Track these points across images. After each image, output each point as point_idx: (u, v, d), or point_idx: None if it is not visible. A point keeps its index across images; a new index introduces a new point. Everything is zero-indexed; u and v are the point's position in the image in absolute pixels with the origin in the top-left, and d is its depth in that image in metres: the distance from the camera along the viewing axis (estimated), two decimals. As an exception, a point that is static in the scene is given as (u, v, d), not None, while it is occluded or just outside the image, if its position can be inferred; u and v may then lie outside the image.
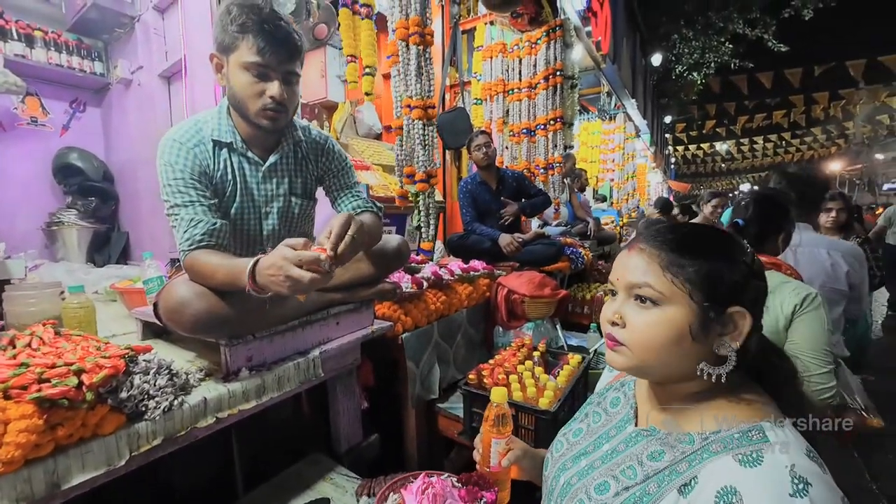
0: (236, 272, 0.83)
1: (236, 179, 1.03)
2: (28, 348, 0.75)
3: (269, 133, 1.04)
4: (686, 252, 0.53)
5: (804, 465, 0.44)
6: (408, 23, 1.88)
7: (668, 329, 0.53)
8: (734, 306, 0.51)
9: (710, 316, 0.52)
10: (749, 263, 0.54)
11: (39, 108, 2.58)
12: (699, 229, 0.59)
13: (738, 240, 0.58)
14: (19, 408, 0.60)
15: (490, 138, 2.51)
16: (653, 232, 0.58)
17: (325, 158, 1.18)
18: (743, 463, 0.45)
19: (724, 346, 0.52)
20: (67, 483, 0.64)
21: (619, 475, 0.55)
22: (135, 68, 2.59)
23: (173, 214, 0.96)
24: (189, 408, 0.80)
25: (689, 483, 0.48)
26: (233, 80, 0.95)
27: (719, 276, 0.52)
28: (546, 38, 3.10)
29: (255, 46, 0.90)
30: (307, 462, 1.19)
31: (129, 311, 1.29)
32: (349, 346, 1.19)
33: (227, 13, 0.91)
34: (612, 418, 0.66)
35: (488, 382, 1.29)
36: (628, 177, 6.44)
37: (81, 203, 2.69)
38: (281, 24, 0.93)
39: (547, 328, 1.90)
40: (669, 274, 0.53)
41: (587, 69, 4.53)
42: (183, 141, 0.97)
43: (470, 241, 2.39)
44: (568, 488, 0.61)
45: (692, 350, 0.53)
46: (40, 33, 2.51)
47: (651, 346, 0.54)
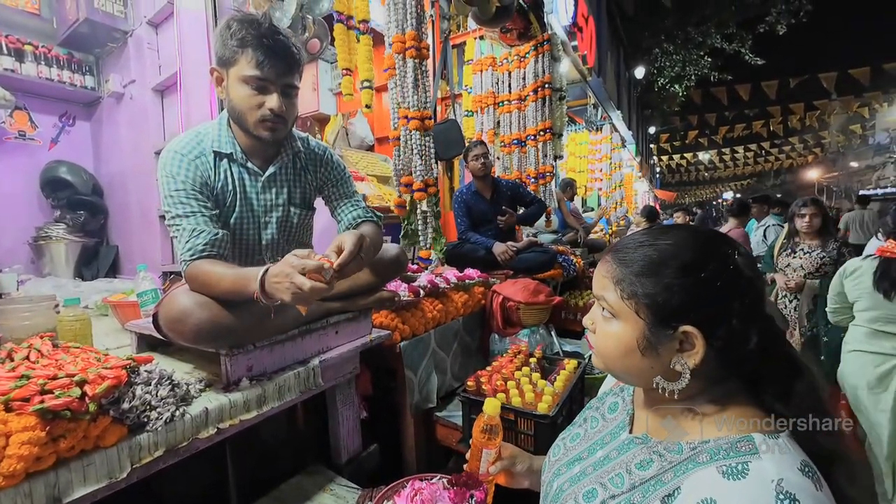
0: (244, 281, 0.84)
1: (236, 190, 1.04)
2: (27, 361, 0.74)
3: (269, 144, 1.05)
4: (639, 270, 0.52)
5: (794, 480, 0.41)
6: (404, 37, 1.93)
7: (616, 342, 0.53)
8: (686, 326, 0.48)
9: (658, 334, 0.50)
10: (714, 277, 0.49)
11: (28, 121, 2.56)
12: (666, 243, 0.52)
13: (715, 251, 0.51)
14: (21, 420, 0.59)
15: (487, 149, 2.55)
16: (618, 246, 0.57)
17: (324, 169, 1.19)
18: (726, 475, 0.43)
19: (679, 363, 0.50)
20: (68, 497, 0.63)
21: (607, 483, 0.55)
22: (127, 82, 2.60)
23: (175, 225, 0.96)
24: (191, 418, 0.79)
25: (672, 493, 0.46)
26: (232, 93, 0.97)
27: (668, 296, 0.49)
28: (534, 52, 3.19)
29: (253, 60, 0.92)
30: (307, 473, 1.17)
31: (123, 324, 1.27)
32: (348, 354, 1.19)
33: (227, 28, 0.94)
34: (609, 424, 0.65)
35: (487, 389, 1.30)
36: (616, 186, 6.57)
37: (70, 217, 2.65)
38: (279, 38, 0.95)
39: (542, 334, 1.92)
40: (619, 290, 0.53)
41: (574, 82, 4.65)
42: (184, 153, 0.98)
43: (464, 250, 2.41)
44: (560, 494, 0.60)
45: (645, 364, 0.52)
46: (30, 47, 2.50)
47: (608, 355, 0.56)
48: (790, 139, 16.01)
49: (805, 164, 19.57)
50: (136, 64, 2.52)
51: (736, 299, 0.49)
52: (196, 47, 2.06)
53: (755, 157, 16.87)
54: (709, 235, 0.54)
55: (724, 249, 0.51)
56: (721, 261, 0.50)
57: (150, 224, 2.48)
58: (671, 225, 0.57)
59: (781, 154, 17.16)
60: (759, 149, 15.76)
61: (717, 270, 0.49)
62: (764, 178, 25.87)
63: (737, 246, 0.52)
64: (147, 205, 2.50)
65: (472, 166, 2.51)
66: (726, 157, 17.22)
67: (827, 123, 14.75)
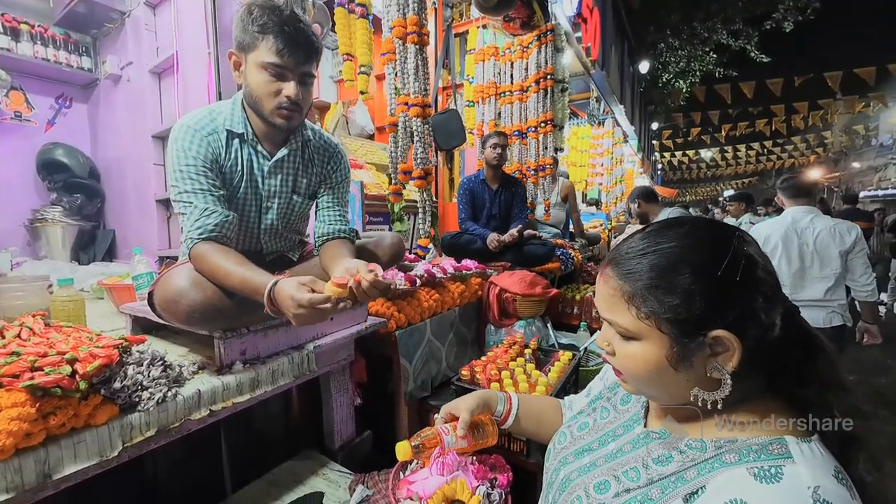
0: (252, 286, 0.84)
1: (244, 171, 1.04)
2: (18, 338, 0.73)
3: (281, 130, 1.04)
4: (649, 282, 0.48)
5: (830, 488, 0.39)
6: (405, 21, 1.90)
7: (645, 363, 0.49)
8: (715, 330, 0.45)
9: (688, 345, 0.47)
10: (731, 274, 0.46)
11: (24, 102, 2.53)
12: (669, 246, 0.49)
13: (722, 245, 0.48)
14: (11, 396, 0.59)
15: (507, 141, 2.56)
16: (617, 257, 0.53)
17: (331, 163, 1.18)
18: (759, 477, 0.41)
19: (716, 369, 0.47)
20: (59, 473, 0.63)
21: (620, 476, 0.53)
22: (124, 64, 2.56)
23: (183, 201, 0.95)
24: (183, 400, 0.79)
25: (697, 492, 0.44)
26: (250, 79, 0.96)
27: (690, 305, 0.46)
28: (537, 43, 3.15)
29: (274, 47, 0.91)
30: (300, 458, 1.18)
31: (118, 307, 1.27)
32: (343, 341, 1.19)
33: (249, 13, 0.92)
34: (621, 416, 0.63)
35: (481, 379, 1.31)
36: (616, 181, 6.54)
37: (66, 200, 2.64)
38: (301, 26, 0.93)
39: (538, 326, 1.92)
40: (633, 308, 0.49)
41: (577, 74, 4.60)
42: (198, 128, 0.97)
43: (462, 241, 2.41)
44: (567, 483, 0.59)
45: (680, 378, 0.49)
46: (26, 27, 2.46)
47: (639, 378, 0.52)
48: (793, 138, 15.94)
49: (807, 163, 19.51)
50: (134, 45, 2.48)
51: (757, 291, 0.46)
52: (194, 29, 2.03)
53: (757, 155, 16.80)
54: (709, 228, 0.51)
55: (729, 240, 0.48)
56: (732, 254, 0.46)
57: (148, 209, 2.47)
58: (666, 222, 0.53)
59: (784, 153, 17.09)
60: (761, 147, 15.70)
61: (732, 266, 0.46)
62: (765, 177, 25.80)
63: (736, 231, 0.50)
64: (145, 190, 2.48)
65: (487, 153, 2.53)
66: (728, 156, 17.15)
67: (830, 123, 14.68)
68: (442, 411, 0.78)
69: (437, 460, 0.76)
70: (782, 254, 2.06)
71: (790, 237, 2.06)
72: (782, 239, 2.07)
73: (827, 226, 2.02)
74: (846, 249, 1.97)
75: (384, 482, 1.00)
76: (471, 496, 0.73)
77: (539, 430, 0.79)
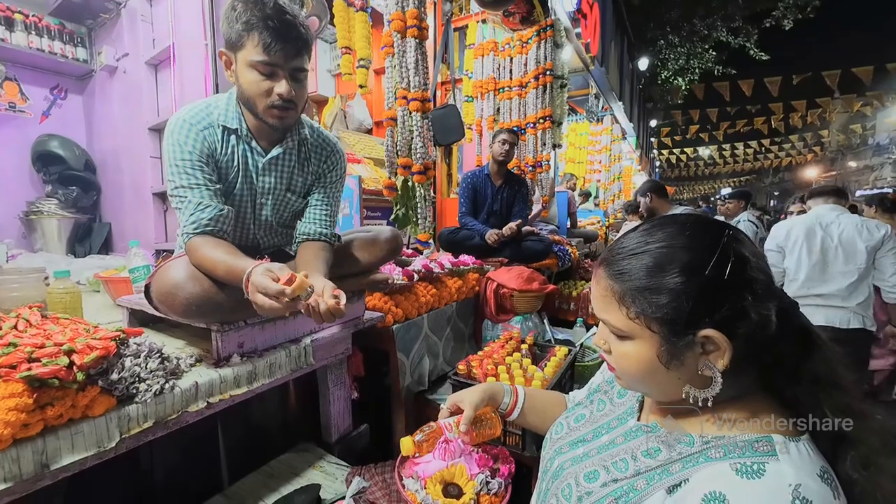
0: (235, 273, 0.82)
1: (239, 166, 1.03)
2: (14, 330, 0.73)
3: (276, 129, 1.03)
4: (639, 283, 0.49)
5: (813, 487, 0.40)
6: (404, 15, 1.88)
7: (637, 361, 0.51)
8: (705, 329, 0.46)
9: (678, 344, 0.47)
10: (719, 273, 0.46)
11: (18, 93, 2.50)
12: (658, 245, 0.49)
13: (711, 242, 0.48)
14: (8, 386, 0.59)
15: (517, 139, 2.58)
16: (609, 257, 0.53)
17: (328, 162, 1.15)
18: (740, 473, 0.42)
19: (707, 367, 0.48)
20: (56, 463, 0.63)
21: (610, 466, 0.54)
22: (120, 55, 2.54)
23: (179, 196, 0.94)
24: (180, 392, 0.79)
25: (679, 485, 0.46)
26: (241, 79, 0.94)
27: (678, 305, 0.46)
28: (537, 38, 3.13)
29: (260, 44, 0.88)
30: (297, 451, 1.19)
31: (114, 300, 1.27)
32: (340, 335, 1.19)
33: (232, 9, 0.89)
34: (617, 409, 0.64)
35: (478, 373, 1.31)
36: (615, 178, 6.55)
37: (62, 192, 2.62)
38: (286, 18, 0.90)
39: (535, 322, 1.93)
40: (624, 308, 0.50)
41: (576, 70, 4.59)
42: (194, 122, 0.96)
43: (460, 237, 2.41)
44: (560, 472, 0.60)
45: (672, 376, 0.50)
46: (20, 16, 2.43)
47: (632, 376, 0.53)
48: (790, 137, 15.97)
49: (804, 162, 19.57)
50: (130, 36, 2.46)
51: (747, 289, 0.46)
52: (190, 20, 2.01)
53: (755, 153, 16.84)
54: (698, 224, 0.51)
55: (717, 238, 0.48)
56: (720, 252, 0.46)
57: (144, 202, 2.46)
58: (658, 221, 0.53)
59: (781, 152, 17.14)
60: (759, 146, 15.73)
61: (720, 264, 0.46)
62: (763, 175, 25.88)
63: (727, 227, 0.50)
64: (141, 182, 2.47)
65: (495, 148, 2.53)
66: (726, 154, 17.18)
67: (828, 122, 14.72)
68: (448, 401, 0.79)
69: (441, 445, 0.77)
70: (803, 246, 2.04)
71: (814, 231, 2.04)
72: (805, 233, 2.05)
73: (854, 222, 2.00)
74: (874, 245, 1.94)
75: (380, 474, 1.00)
76: (468, 481, 0.73)
77: (543, 425, 0.80)
